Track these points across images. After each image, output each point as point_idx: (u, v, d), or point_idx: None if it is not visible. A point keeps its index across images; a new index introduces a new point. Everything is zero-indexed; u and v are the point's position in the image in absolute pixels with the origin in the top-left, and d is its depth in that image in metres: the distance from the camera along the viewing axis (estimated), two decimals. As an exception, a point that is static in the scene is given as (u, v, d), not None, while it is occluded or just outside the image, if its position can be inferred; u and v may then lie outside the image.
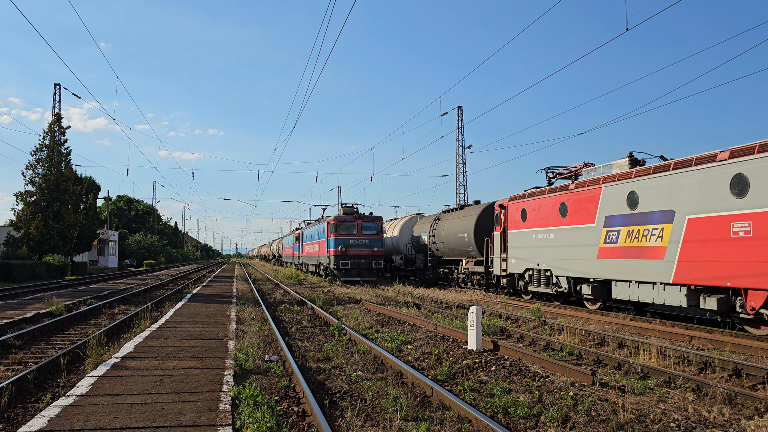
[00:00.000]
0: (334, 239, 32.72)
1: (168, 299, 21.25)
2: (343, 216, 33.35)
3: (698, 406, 6.81)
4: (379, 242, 33.33)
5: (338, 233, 32.64)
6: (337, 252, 32.38)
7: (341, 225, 32.83)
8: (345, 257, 32.35)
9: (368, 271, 32.80)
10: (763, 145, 11.34)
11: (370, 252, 32.88)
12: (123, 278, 38.95)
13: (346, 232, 32.66)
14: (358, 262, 32.48)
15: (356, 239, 32.60)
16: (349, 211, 33.96)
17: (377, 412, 6.67)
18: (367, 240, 32.82)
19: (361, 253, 32.67)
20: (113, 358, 8.81)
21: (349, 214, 33.57)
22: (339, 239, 32.53)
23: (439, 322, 13.40)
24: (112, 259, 65.84)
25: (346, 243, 32.45)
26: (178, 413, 5.86)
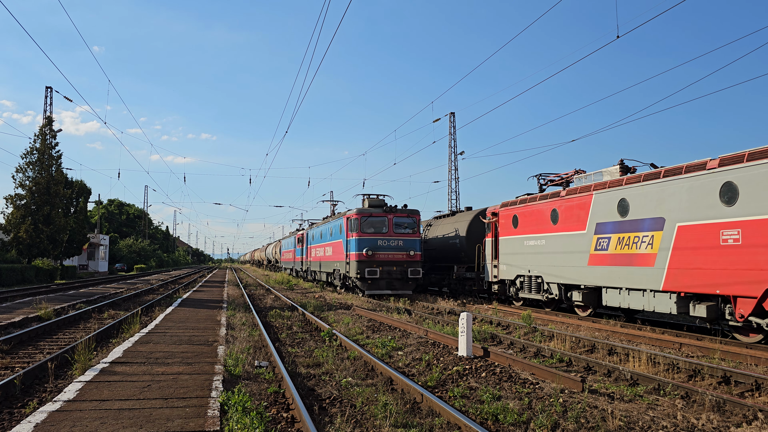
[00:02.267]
0: (356, 240, 24.98)
1: (158, 304, 21.13)
2: (369, 209, 25.55)
3: (687, 414, 6.82)
4: (415, 244, 25.49)
5: (363, 232, 24.99)
6: (361, 256, 24.69)
7: (367, 221, 25.18)
8: (372, 263, 24.59)
9: (402, 282, 24.91)
10: (752, 154, 11.43)
11: (405, 257, 24.98)
12: (113, 282, 38.71)
13: (373, 230, 25.13)
14: (389, 270, 24.63)
15: (387, 240, 25.00)
16: (377, 203, 25.96)
17: (367, 418, 6.64)
18: (400, 241, 25.12)
19: (394, 258, 24.86)
20: (101, 363, 8.75)
21: (376, 207, 25.69)
22: (364, 240, 24.90)
23: (429, 328, 13.39)
24: (103, 264, 65.44)
25: (374, 245, 24.78)
26: (166, 419, 5.82)
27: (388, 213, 25.39)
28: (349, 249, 25.80)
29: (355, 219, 25.38)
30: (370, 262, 24.65)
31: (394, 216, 25.41)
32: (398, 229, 25.35)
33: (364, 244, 24.84)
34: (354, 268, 25.07)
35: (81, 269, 57.22)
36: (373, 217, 25.31)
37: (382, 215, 25.35)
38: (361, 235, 25.05)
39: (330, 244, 30.60)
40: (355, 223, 25.34)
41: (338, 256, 28.16)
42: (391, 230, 25.21)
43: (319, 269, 34.62)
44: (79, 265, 56.89)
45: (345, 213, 27.15)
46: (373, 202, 26.13)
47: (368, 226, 25.22)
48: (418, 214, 25.86)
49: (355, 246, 25.12)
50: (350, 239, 25.75)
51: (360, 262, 24.70)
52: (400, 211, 25.64)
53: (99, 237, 63.01)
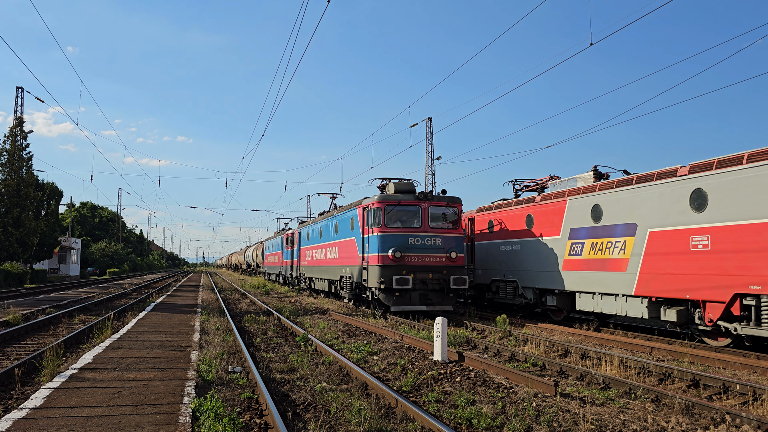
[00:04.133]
0: (379, 237, 18.38)
1: (131, 308, 20.82)
2: (395, 196, 18.76)
3: (657, 417, 6.92)
4: (458, 243, 18.69)
5: (388, 226, 18.47)
6: (385, 259, 18.06)
7: (393, 212, 18.51)
8: (400, 269, 17.91)
9: (440, 294, 18.18)
10: (721, 161, 11.67)
11: (445, 260, 18.31)
12: (85, 287, 38.06)
13: (400, 224, 18.61)
14: (423, 279, 17.97)
15: (420, 237, 18.44)
16: (406, 188, 19.26)
17: (341, 423, 6.62)
18: (439, 239, 18.48)
19: (431, 261, 18.29)
20: (71, 369, 8.58)
21: (406, 193, 19.05)
22: (389, 237, 18.30)
23: (405, 333, 13.40)
24: (74, 267, 64.31)
25: (403, 244, 18.22)
26: (136, 426, 5.73)
27: (423, 201, 18.53)
28: (368, 250, 19.09)
29: (377, 209, 18.49)
30: (398, 268, 17.74)
31: (430, 205, 18.53)
32: (435, 222, 18.59)
33: (390, 243, 18.03)
34: (375, 276, 18.20)
35: (52, 273, 56.15)
36: (403, 206, 18.47)
37: (414, 204, 18.47)
38: (385, 231, 18.25)
39: (335, 244, 23.97)
40: (377, 215, 18.52)
41: (348, 259, 21.57)
42: (426, 224, 18.43)
43: (316, 276, 27.73)
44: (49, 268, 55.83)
45: (360, 202, 20.12)
46: (402, 186, 19.05)
47: (395, 218, 18.53)
48: (461, 203, 18.95)
49: (376, 245, 18.31)
50: (369, 237, 18.95)
51: (384, 267, 17.76)
52: (438, 198, 18.76)
53: (71, 240, 61.92)
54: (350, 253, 21.34)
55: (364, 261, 19.50)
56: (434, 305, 18.00)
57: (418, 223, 18.51)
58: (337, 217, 23.82)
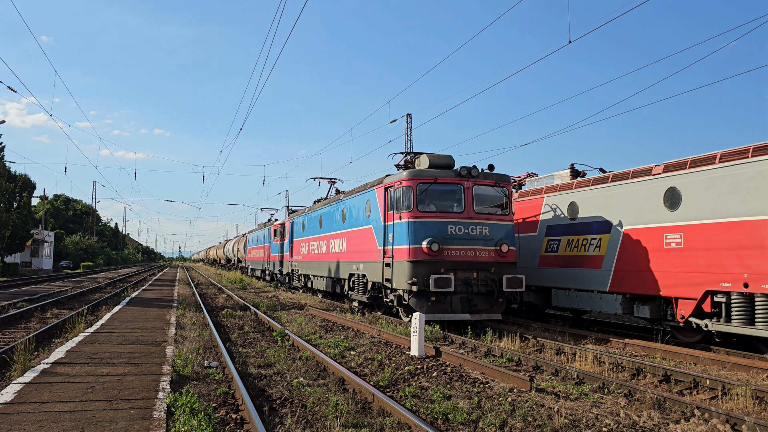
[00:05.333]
0: (410, 224, 14.22)
1: (105, 303, 20.55)
2: (431, 171, 14.59)
3: (629, 411, 7.04)
4: (508, 233, 14.71)
5: (421, 210, 14.26)
6: (417, 253, 13.96)
7: (428, 192, 14.35)
8: (437, 265, 13.88)
9: (487, 299, 14.22)
10: (694, 161, 11.87)
11: (494, 255, 14.34)
12: (58, 280, 37.45)
13: (435, 208, 14.37)
14: (466, 279, 13.97)
15: (463, 224, 14.28)
16: (443, 163, 15.05)
17: (317, 418, 6.62)
18: (486, 227, 14.43)
19: (476, 257, 14.21)
20: (42, 363, 8.45)
21: (443, 168, 14.92)
22: (423, 224, 14.16)
23: (383, 328, 13.43)
24: (47, 261, 63.23)
25: (441, 233, 14.10)
26: (110, 421, 5.67)
27: (465, 178, 14.42)
28: (392, 241, 14.89)
29: (407, 188, 14.34)
30: (435, 264, 13.75)
31: (475, 184, 14.46)
32: (481, 206, 14.53)
33: (425, 232, 13.96)
34: (402, 274, 14.08)
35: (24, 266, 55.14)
36: (440, 184, 14.36)
37: (454, 182, 14.40)
38: (418, 216, 14.06)
39: (341, 234, 19.74)
40: (407, 196, 14.34)
41: (360, 253, 17.39)
42: (469, 208, 14.27)
43: (315, 273, 23.39)
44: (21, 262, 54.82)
45: (381, 180, 15.94)
46: (438, 159, 14.94)
47: (430, 200, 14.35)
48: (510, 183, 15.05)
49: (406, 235, 14.14)
50: (396, 224, 14.76)
51: (416, 263, 13.73)
52: (485, 175, 14.71)
53: (43, 233, 60.86)
54: (364, 245, 17.00)
55: (386, 255, 15.17)
56: (480, 313, 13.85)
57: (459, 206, 14.31)
58: (345, 201, 19.49)
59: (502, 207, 14.84)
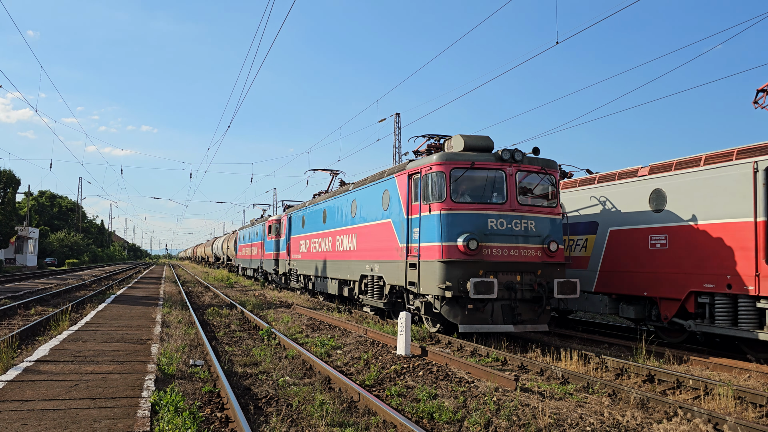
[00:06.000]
0: (443, 217, 11.93)
1: (90, 300, 20.38)
2: (467, 155, 12.29)
3: (613, 411, 7.10)
4: (556, 229, 12.59)
5: (455, 201, 12.02)
6: (453, 252, 11.69)
7: (464, 178, 12.17)
8: (476, 266, 11.63)
9: (533, 307, 11.97)
10: (680, 163, 11.98)
11: (541, 254, 12.20)
12: (42, 278, 37.10)
13: (470, 198, 12.16)
14: (509, 283, 11.73)
15: (506, 218, 12.06)
16: (482, 145, 12.71)
17: (303, 417, 6.61)
18: (532, 222, 12.26)
19: (520, 256, 12.04)
20: (25, 361, 8.37)
21: (481, 150, 12.65)
22: (459, 217, 11.92)
23: (369, 327, 13.44)
24: (32, 258, 62.59)
25: (480, 228, 11.86)
26: (93, 420, 5.63)
27: (508, 163, 12.11)
28: (419, 237, 12.58)
29: (438, 174, 12.05)
30: (474, 265, 11.53)
31: (519, 170, 12.21)
32: (525, 196, 12.41)
33: (461, 227, 11.73)
34: (433, 277, 11.83)
35: (7, 263, 54.55)
36: (478, 170, 12.09)
37: (495, 167, 12.10)
38: (451, 208, 11.83)
39: (350, 230, 17.51)
40: (439, 183, 12.04)
41: (376, 252, 15.20)
42: (513, 199, 12.03)
43: (318, 274, 21.10)
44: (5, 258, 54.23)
45: (404, 167, 13.68)
46: (474, 141, 12.55)
47: (465, 188, 12.13)
48: (557, 169, 12.83)
49: (437, 230, 11.87)
50: (424, 217, 12.39)
51: (451, 264, 11.53)
52: (530, 160, 12.44)
53: (28, 230, 60.23)
54: (381, 242, 14.87)
55: (409, 254, 12.98)
56: (525, 324, 11.68)
57: (500, 196, 12.08)
58: (355, 193, 17.32)
59: (549, 197, 12.65)
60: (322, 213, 20.97)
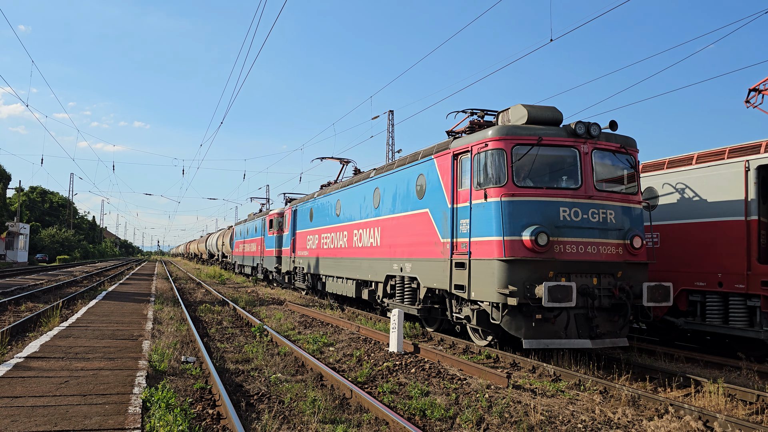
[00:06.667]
0: (504, 205, 9.61)
1: (81, 297, 20.27)
2: (532, 129, 9.94)
3: (605, 408, 7.13)
4: (637, 219, 10.28)
5: (518, 185, 9.71)
6: (517, 248, 9.43)
7: (529, 157, 9.82)
8: (545, 266, 9.35)
9: (610, 316, 9.72)
10: (672, 161, 12.04)
11: (623, 252, 9.93)
12: (33, 274, 36.88)
13: (539, 180, 9.93)
14: (584, 287, 9.35)
15: (581, 206, 9.74)
16: (548, 117, 10.40)
17: (295, 414, 6.60)
18: (611, 212, 9.91)
19: (598, 254, 9.74)
20: (15, 358, 8.32)
21: (547, 124, 10.31)
22: (525, 205, 9.63)
23: (362, 324, 13.43)
24: (22, 254, 62.20)
25: (551, 218, 9.59)
26: (84, 416, 5.60)
27: (583, 139, 10.04)
28: (470, 230, 10.42)
29: (496, 153, 9.96)
30: (543, 265, 9.45)
31: (595, 148, 10.13)
32: (603, 179, 10.33)
33: (527, 217, 9.68)
34: (492, 280, 9.68)
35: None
36: (546, 147, 10.00)
37: (567, 143, 10.02)
38: (514, 194, 9.72)
39: (372, 223, 15.29)
40: (496, 163, 9.98)
41: (409, 248, 12.97)
42: (589, 183, 9.95)
43: (331, 273, 18.75)
44: (-5, 254, 53.88)
45: (447, 145, 11.54)
46: (540, 112, 10.47)
47: (530, 170, 10.02)
48: (637, 149, 10.68)
49: (496, 221, 9.75)
50: (473, 206, 10.37)
51: (513, 264, 9.44)
52: (607, 137, 10.33)
53: (19, 225, 59.84)
54: (414, 236, 12.66)
55: (456, 251, 10.77)
56: (603, 338, 9.55)
57: (573, 180, 9.98)
58: (378, 180, 15.10)
59: (629, 183, 10.51)
60: (335, 204, 18.67)
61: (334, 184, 19.87)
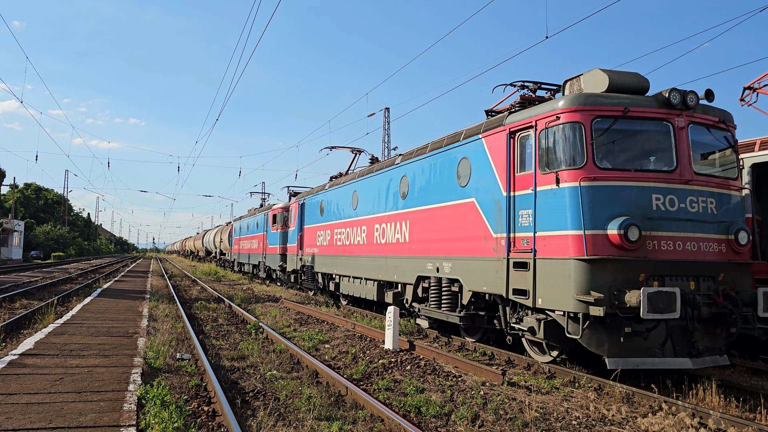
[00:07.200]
0: (583, 190, 7.86)
1: (76, 294, 20.22)
2: (615, 98, 8.18)
3: (599, 405, 7.15)
4: (739, 209, 8.60)
5: (600, 166, 7.96)
6: (601, 244, 7.70)
7: (614, 132, 8.10)
8: (635, 267, 7.72)
9: (710, 329, 8.07)
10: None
11: (726, 249, 8.24)
12: (27, 271, 36.77)
13: (625, 162, 8.17)
14: (688, 295, 7.61)
15: (678, 193, 8.02)
16: (635, 84, 8.57)
17: (290, 411, 6.61)
18: (711, 200, 8.24)
19: (698, 252, 8.04)
20: (10, 355, 8.31)
21: (634, 92, 8.52)
22: (607, 191, 7.88)
23: (357, 322, 13.45)
24: (17, 251, 61.96)
25: (641, 207, 7.87)
26: (79, 413, 5.59)
27: (677, 111, 8.24)
28: (534, 221, 8.66)
29: (570, 127, 8.18)
30: (632, 266, 7.74)
31: (691, 122, 8.34)
32: (700, 161, 8.60)
33: (613, 207, 7.87)
34: (567, 284, 7.91)
35: (-8, 256, 54.01)
36: (632, 120, 8.19)
37: (659, 115, 8.21)
38: (596, 177, 7.94)
39: (398, 216, 13.64)
40: (570, 140, 8.18)
41: (448, 244, 11.30)
42: (686, 165, 8.15)
43: (344, 273, 17.30)
44: (-10, 251, 53.69)
45: (501, 122, 9.76)
46: (623, 78, 8.61)
47: (615, 148, 8.25)
48: (734, 123, 8.94)
49: (572, 211, 7.96)
50: (538, 193, 8.62)
51: (597, 264, 7.71)
52: (704, 109, 8.57)
53: (13, 222, 59.61)
54: (455, 231, 11.02)
55: (514, 247, 9.11)
56: (703, 356, 7.98)
57: (666, 160, 8.26)
58: (406, 167, 13.36)
59: (726, 165, 8.77)
60: (350, 196, 16.93)
61: (347, 175, 18.41)
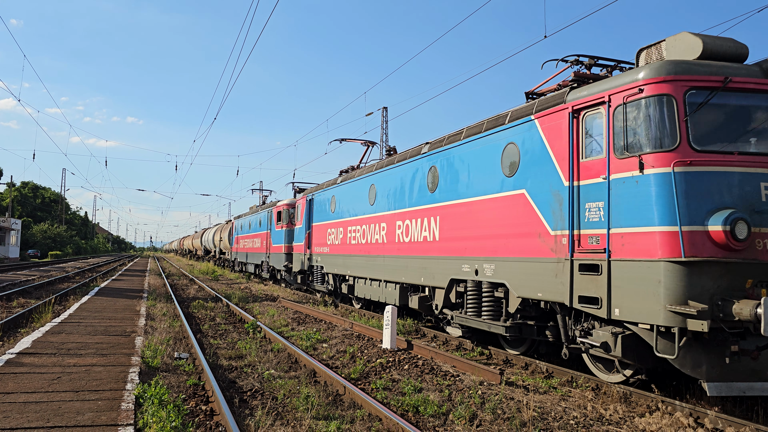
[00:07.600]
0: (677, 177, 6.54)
1: (73, 292, 20.19)
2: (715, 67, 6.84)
3: (596, 405, 7.17)
4: None
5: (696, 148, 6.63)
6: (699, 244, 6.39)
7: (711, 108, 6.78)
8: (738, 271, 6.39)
9: None
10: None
11: None
12: (24, 269, 36.69)
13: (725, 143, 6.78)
14: None
15: None
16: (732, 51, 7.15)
17: (288, 410, 6.61)
18: None
19: None
20: (7, 354, 8.29)
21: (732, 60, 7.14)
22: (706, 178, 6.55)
23: (355, 321, 13.45)
24: (14, 249, 61.84)
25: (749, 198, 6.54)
26: (76, 412, 5.59)
27: None
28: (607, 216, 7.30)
29: (658, 100, 6.89)
30: (741, 270, 6.45)
31: None
32: None
33: (714, 198, 6.56)
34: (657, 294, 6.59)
35: (-11, 255, 53.89)
36: (734, 92, 6.86)
37: (764, 87, 6.89)
38: (692, 161, 6.61)
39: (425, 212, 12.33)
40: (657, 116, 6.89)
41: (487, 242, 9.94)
42: None
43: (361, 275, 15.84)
44: (-13, 250, 53.58)
45: (562, 99, 8.30)
46: (719, 44, 7.15)
47: (710, 128, 6.87)
48: None
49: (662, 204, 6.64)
50: (612, 183, 7.27)
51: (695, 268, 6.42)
52: None
53: (10, 221, 59.49)
54: (500, 228, 9.61)
55: (579, 246, 7.85)
56: None
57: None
58: (435, 156, 11.97)
59: None
60: (367, 190, 15.56)
61: (361, 168, 17.10)
